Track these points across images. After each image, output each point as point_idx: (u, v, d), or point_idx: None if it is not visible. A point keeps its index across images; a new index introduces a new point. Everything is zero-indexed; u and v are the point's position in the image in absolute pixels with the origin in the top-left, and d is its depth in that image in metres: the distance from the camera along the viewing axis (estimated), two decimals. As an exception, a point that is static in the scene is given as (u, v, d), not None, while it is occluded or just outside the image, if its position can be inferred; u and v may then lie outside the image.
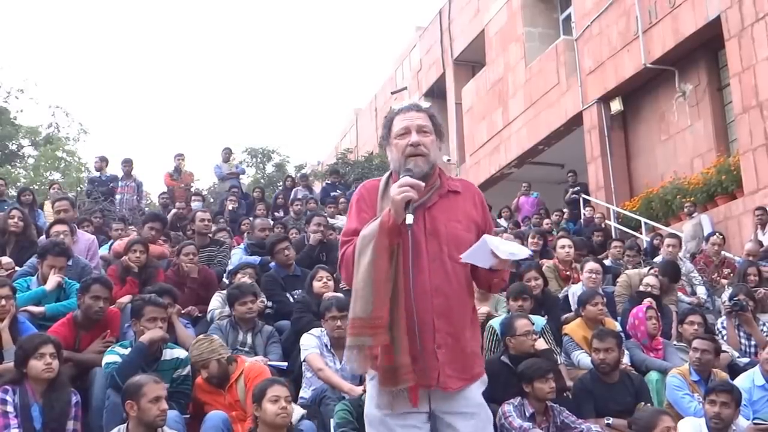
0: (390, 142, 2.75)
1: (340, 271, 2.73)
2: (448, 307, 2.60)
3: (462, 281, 2.67)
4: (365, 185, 2.82)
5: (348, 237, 2.67)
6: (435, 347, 2.56)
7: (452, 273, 2.62)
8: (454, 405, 2.64)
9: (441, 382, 2.58)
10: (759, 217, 10.41)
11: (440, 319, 2.58)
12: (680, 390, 5.31)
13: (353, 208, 2.76)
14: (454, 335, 2.61)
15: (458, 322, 2.63)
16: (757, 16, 11.06)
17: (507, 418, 4.68)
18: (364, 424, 4.39)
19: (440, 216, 2.66)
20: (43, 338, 4.37)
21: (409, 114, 2.73)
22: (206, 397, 4.80)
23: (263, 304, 6.40)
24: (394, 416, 2.60)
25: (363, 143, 28.04)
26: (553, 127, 16.13)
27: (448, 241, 2.63)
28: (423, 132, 2.69)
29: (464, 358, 2.64)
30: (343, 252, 2.67)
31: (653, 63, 13.28)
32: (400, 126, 2.72)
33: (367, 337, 2.48)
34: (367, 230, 2.54)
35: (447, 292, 2.60)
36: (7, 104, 25.30)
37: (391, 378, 2.53)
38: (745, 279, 8.01)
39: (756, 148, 11.08)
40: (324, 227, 8.39)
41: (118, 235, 8.62)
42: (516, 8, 17.76)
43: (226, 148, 15.51)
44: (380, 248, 2.48)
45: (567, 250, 7.75)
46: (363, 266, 2.49)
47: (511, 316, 5.49)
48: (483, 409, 2.72)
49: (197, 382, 4.89)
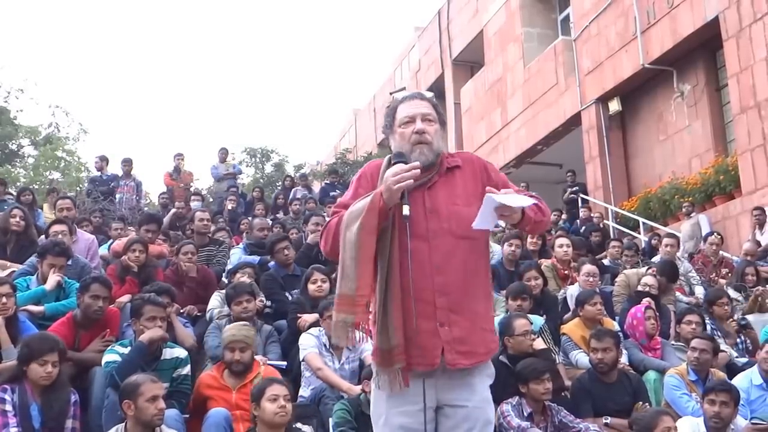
0: (394, 131, 2.75)
1: (320, 238, 2.77)
2: (450, 284, 2.58)
3: (469, 257, 2.64)
4: (370, 164, 2.83)
5: (338, 209, 2.70)
6: (437, 325, 2.55)
7: (455, 250, 2.60)
8: (458, 395, 2.62)
9: (448, 360, 2.55)
10: (757, 217, 10.44)
11: (442, 296, 2.56)
12: (678, 390, 5.32)
13: (353, 184, 2.78)
14: (459, 312, 2.58)
15: (464, 298, 2.60)
16: (755, 17, 11.08)
17: (505, 418, 4.69)
18: (362, 424, 4.47)
19: (440, 194, 2.66)
20: (50, 344, 4.30)
21: (413, 102, 2.75)
22: (212, 392, 4.72)
23: (262, 304, 6.42)
24: (398, 414, 2.60)
25: (362, 143, 28.06)
26: (551, 127, 16.16)
27: (449, 218, 2.62)
28: (427, 120, 2.70)
29: (475, 334, 2.62)
30: (328, 221, 2.71)
31: (651, 63, 13.31)
32: (404, 114, 2.72)
33: (350, 315, 2.52)
34: (356, 207, 2.55)
35: (449, 270, 2.58)
36: (7, 104, 25.30)
37: (387, 359, 2.55)
38: (743, 279, 8.04)
39: (754, 149, 11.10)
40: (322, 227, 8.39)
41: (118, 235, 8.63)
42: (514, 9, 17.78)
43: (222, 149, 15.52)
44: (368, 227, 2.50)
45: (565, 249, 7.75)
46: (349, 243, 2.52)
47: (510, 316, 5.50)
48: (488, 405, 2.70)
49: (204, 377, 4.84)
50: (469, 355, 2.59)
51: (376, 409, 2.70)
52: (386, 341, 2.55)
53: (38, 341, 4.34)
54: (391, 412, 2.62)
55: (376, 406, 2.70)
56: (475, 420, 2.62)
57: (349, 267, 2.52)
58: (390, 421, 2.61)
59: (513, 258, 7.50)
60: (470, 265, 2.64)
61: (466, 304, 2.61)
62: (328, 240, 2.65)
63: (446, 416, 2.62)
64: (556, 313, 6.62)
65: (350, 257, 2.51)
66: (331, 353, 5.34)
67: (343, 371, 5.29)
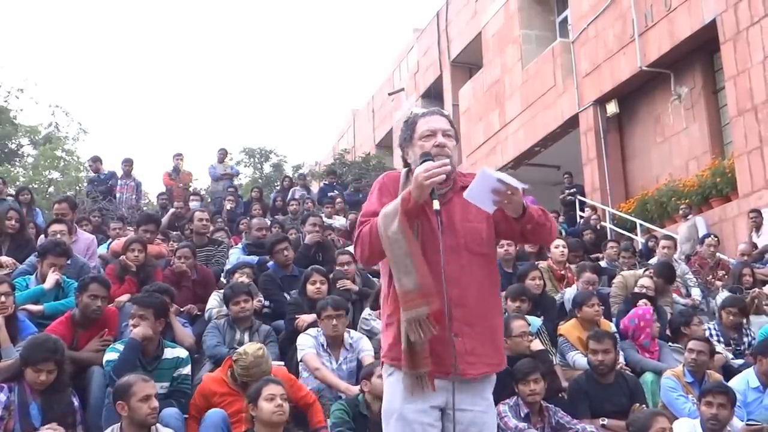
0: (413, 143, 2.85)
1: (355, 248, 2.81)
2: (466, 297, 2.68)
3: (482, 272, 2.75)
4: (387, 175, 2.93)
5: (366, 218, 2.76)
6: (452, 336, 2.62)
7: (470, 264, 2.72)
8: (465, 399, 2.69)
9: (460, 369, 2.64)
10: (753, 219, 10.47)
11: (457, 308, 2.65)
12: (674, 391, 5.34)
13: (375, 193, 2.85)
14: (472, 324, 2.69)
15: (478, 311, 2.71)
16: (753, 20, 11.11)
17: (503, 419, 4.71)
18: (360, 424, 4.49)
19: (455, 211, 2.76)
20: (45, 354, 4.20)
21: (433, 117, 2.87)
22: (220, 399, 4.61)
23: (260, 304, 6.44)
24: (414, 411, 2.66)
25: (360, 144, 28.03)
26: (549, 129, 16.17)
27: (464, 234, 2.73)
28: (447, 135, 2.82)
29: (486, 346, 2.73)
30: (359, 231, 2.75)
31: (649, 66, 13.34)
32: (425, 128, 2.83)
33: (423, 307, 2.56)
34: (389, 208, 2.63)
35: (464, 283, 2.68)
36: (7, 104, 25.28)
37: (413, 361, 2.62)
38: (740, 281, 8.06)
39: (750, 151, 11.13)
40: (320, 227, 8.43)
41: (116, 234, 8.65)
42: (513, 11, 17.80)
43: (221, 149, 15.58)
44: (404, 224, 2.58)
45: (561, 250, 7.79)
46: (395, 241, 2.58)
47: (508, 317, 5.52)
48: (492, 409, 2.81)
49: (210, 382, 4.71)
50: (479, 366, 2.71)
51: (389, 405, 2.74)
52: (413, 345, 2.60)
53: (34, 349, 4.23)
54: (406, 408, 2.67)
55: (390, 401, 2.74)
56: (482, 424, 2.73)
57: (403, 261, 2.58)
58: (405, 416, 2.67)
59: (509, 259, 7.52)
60: (485, 279, 2.77)
61: (481, 317, 2.73)
62: (365, 247, 2.70)
63: (452, 420, 2.69)
64: (553, 315, 6.64)
65: (402, 253, 2.58)
66: (329, 353, 5.35)
67: (340, 371, 5.30)
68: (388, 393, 2.77)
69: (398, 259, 2.59)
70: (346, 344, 5.42)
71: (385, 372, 2.80)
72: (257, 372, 4.55)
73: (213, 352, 5.48)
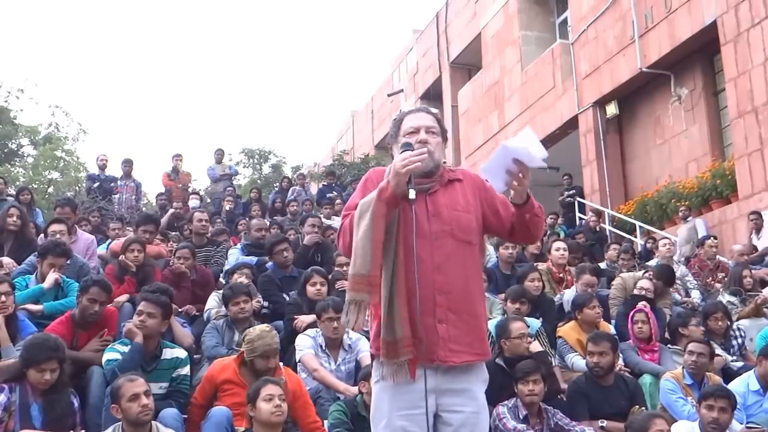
0: (398, 140, 2.88)
1: (338, 240, 2.87)
2: (450, 284, 2.69)
3: (467, 261, 2.76)
4: (374, 170, 2.97)
5: (348, 211, 2.80)
6: (436, 322, 2.65)
7: (455, 252, 2.73)
8: (455, 401, 2.69)
9: (442, 356, 2.64)
10: (754, 221, 10.47)
11: (441, 295, 2.67)
12: (674, 393, 5.33)
13: (360, 187, 2.90)
14: (456, 311, 2.69)
15: (462, 299, 2.72)
16: (753, 22, 11.12)
17: (501, 420, 4.71)
18: (359, 425, 4.48)
19: (442, 200, 2.79)
20: (48, 352, 4.19)
21: (419, 114, 2.91)
22: (228, 386, 4.61)
23: (259, 304, 6.44)
24: (401, 418, 2.65)
25: (359, 145, 28.04)
26: (548, 131, 16.16)
27: (450, 222, 2.75)
28: (431, 132, 2.85)
29: (469, 334, 2.72)
30: (342, 223, 2.81)
31: (649, 67, 13.36)
32: (410, 125, 2.87)
33: (366, 294, 2.60)
34: (367, 198, 2.67)
35: (449, 270, 2.70)
36: (7, 104, 25.24)
37: (393, 350, 2.62)
38: (741, 282, 8.03)
39: (751, 153, 11.13)
40: (318, 228, 8.42)
41: (116, 235, 8.65)
42: (512, 12, 17.80)
43: (218, 150, 15.53)
44: (377, 213, 2.60)
45: (562, 252, 7.78)
46: (362, 228, 2.61)
47: (507, 319, 5.52)
48: (483, 410, 2.78)
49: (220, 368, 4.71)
50: (460, 354, 2.69)
51: (377, 412, 2.75)
52: (392, 333, 2.62)
53: (36, 349, 4.22)
54: (393, 415, 2.67)
55: (377, 408, 2.75)
56: (472, 425, 2.71)
57: (362, 249, 2.60)
58: (392, 423, 2.67)
59: (510, 261, 7.52)
60: (469, 267, 2.77)
61: (464, 304, 2.72)
62: (345, 239, 2.74)
63: (444, 423, 2.69)
64: (552, 317, 6.64)
65: (364, 241, 2.60)
66: (327, 354, 5.35)
67: (339, 372, 5.30)
68: (375, 400, 2.77)
69: (357, 245, 2.62)
70: (344, 345, 5.43)
71: (373, 378, 2.80)
72: (261, 346, 4.57)
73: (212, 352, 5.47)
